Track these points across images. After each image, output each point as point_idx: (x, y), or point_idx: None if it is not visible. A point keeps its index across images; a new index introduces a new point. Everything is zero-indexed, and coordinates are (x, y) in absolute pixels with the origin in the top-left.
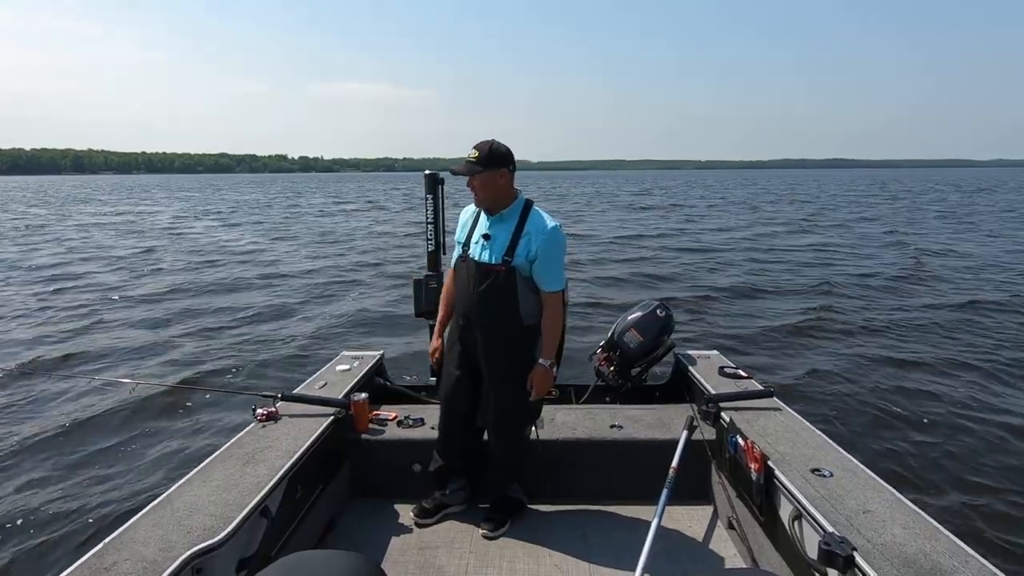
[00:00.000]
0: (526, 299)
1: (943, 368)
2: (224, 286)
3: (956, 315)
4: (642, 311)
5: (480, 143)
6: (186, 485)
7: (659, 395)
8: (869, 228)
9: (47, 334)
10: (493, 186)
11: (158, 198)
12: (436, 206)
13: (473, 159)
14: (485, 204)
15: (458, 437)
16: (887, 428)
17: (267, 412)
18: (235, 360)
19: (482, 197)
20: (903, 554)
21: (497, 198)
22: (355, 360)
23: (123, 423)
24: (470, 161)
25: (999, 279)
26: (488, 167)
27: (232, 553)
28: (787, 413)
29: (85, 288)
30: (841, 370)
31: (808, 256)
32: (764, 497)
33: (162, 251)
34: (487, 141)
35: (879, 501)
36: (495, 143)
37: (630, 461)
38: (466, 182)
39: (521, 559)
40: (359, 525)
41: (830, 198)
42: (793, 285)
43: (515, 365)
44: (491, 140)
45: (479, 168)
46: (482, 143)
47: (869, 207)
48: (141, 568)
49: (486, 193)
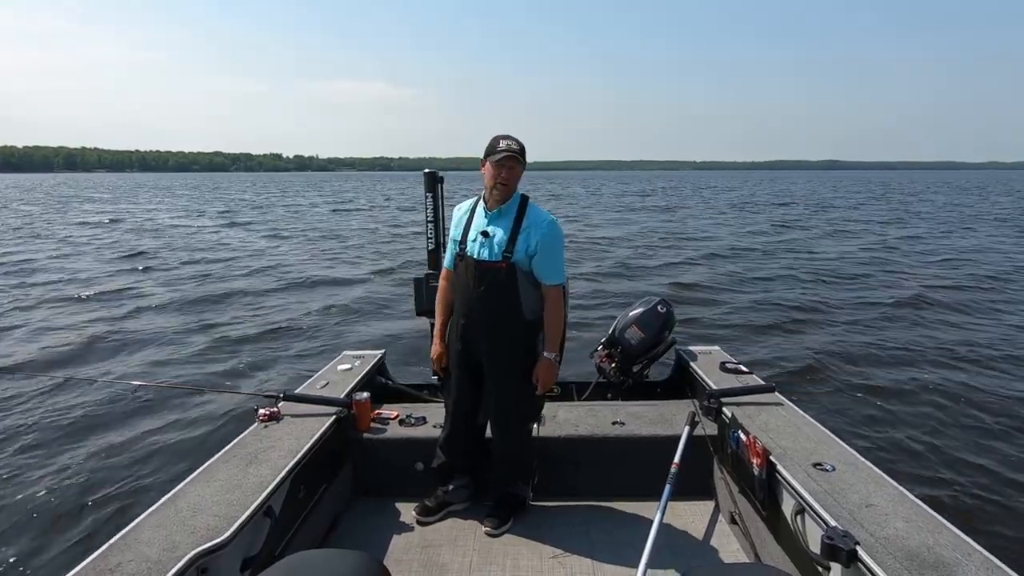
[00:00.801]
0: (527, 295)
1: (946, 361)
2: (224, 286)
3: (957, 309)
4: (643, 307)
5: (511, 136)
6: (189, 485)
7: (661, 391)
8: (871, 226)
9: (46, 334)
10: (518, 179)
11: (161, 197)
12: (436, 205)
13: (517, 150)
14: (504, 196)
15: (460, 435)
16: (889, 422)
17: (269, 412)
18: (237, 360)
19: (510, 188)
20: (906, 548)
21: (513, 191)
22: (357, 359)
23: (125, 424)
24: (514, 151)
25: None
26: (522, 160)
27: (236, 553)
28: (789, 407)
29: (84, 289)
30: (843, 364)
31: (813, 253)
32: (766, 492)
33: (161, 251)
34: (513, 136)
35: (882, 495)
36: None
37: (632, 457)
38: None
39: (524, 556)
40: (362, 524)
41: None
42: (795, 282)
43: (517, 362)
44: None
45: (521, 160)
46: (513, 137)
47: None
48: (146, 568)
49: (512, 185)
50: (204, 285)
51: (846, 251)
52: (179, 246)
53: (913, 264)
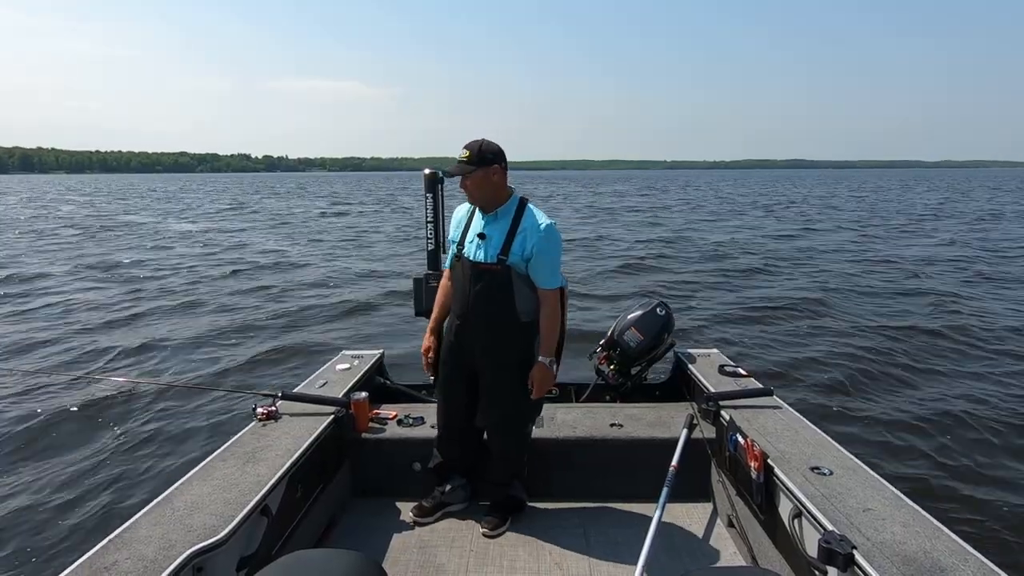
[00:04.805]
0: (523, 297)
1: (943, 365)
2: (224, 286)
3: (956, 311)
4: (642, 310)
5: (470, 143)
6: (187, 484)
7: (659, 394)
8: (866, 227)
9: (46, 335)
10: (487, 184)
11: (161, 197)
12: (436, 205)
13: (465, 159)
14: (480, 203)
15: (456, 435)
16: (887, 426)
17: (267, 411)
18: (235, 359)
19: (476, 196)
20: (903, 552)
21: (491, 196)
22: (355, 359)
23: (123, 422)
24: (462, 161)
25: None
26: (480, 165)
27: (233, 552)
28: (787, 411)
29: (84, 289)
30: (841, 368)
31: (809, 254)
32: (764, 495)
33: (160, 251)
34: (476, 140)
35: (879, 499)
36: (485, 141)
37: (630, 460)
38: (459, 183)
39: (521, 558)
40: (359, 524)
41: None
42: (794, 283)
43: (513, 363)
44: (480, 139)
45: (471, 167)
46: (472, 142)
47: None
48: (142, 567)
49: (480, 192)
50: (204, 285)
51: (842, 250)
52: (174, 245)
53: (919, 263)
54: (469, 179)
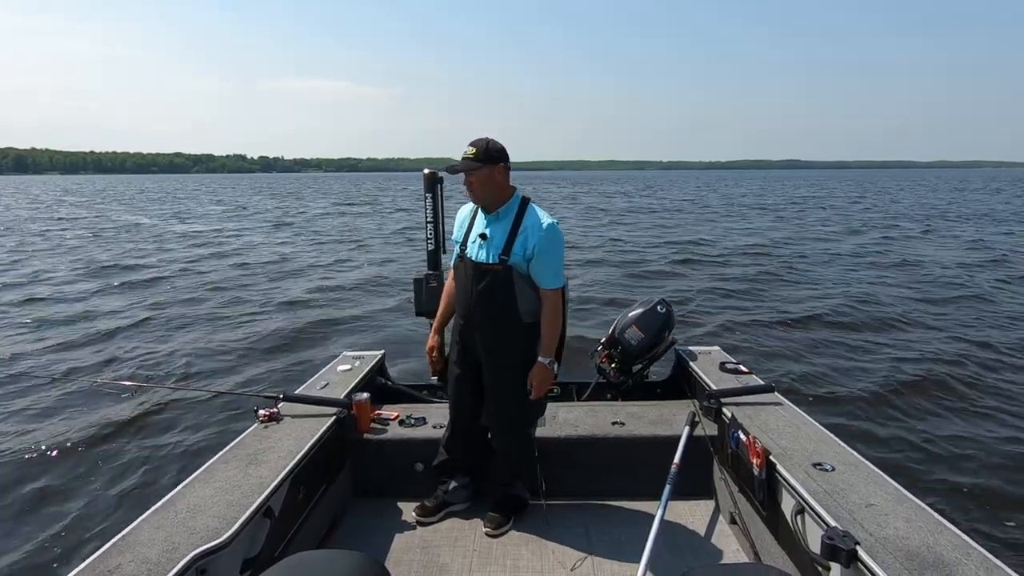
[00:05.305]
0: (525, 297)
1: (945, 360)
2: (223, 286)
3: (957, 306)
4: (643, 308)
5: (476, 140)
6: (189, 486)
7: (660, 391)
8: (869, 223)
9: (46, 336)
10: (491, 182)
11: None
12: (436, 205)
13: (471, 156)
14: (483, 202)
15: (462, 433)
16: (889, 422)
17: (269, 413)
18: (236, 361)
19: (480, 194)
20: (906, 548)
21: (494, 194)
22: (356, 360)
23: (124, 425)
24: (467, 158)
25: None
26: (487, 162)
27: (236, 554)
28: (788, 408)
29: (83, 289)
30: (842, 364)
31: (809, 252)
32: (766, 492)
33: (160, 251)
34: (482, 138)
35: (882, 495)
36: (490, 139)
37: (632, 458)
38: (463, 181)
39: (524, 556)
40: (362, 525)
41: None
42: (794, 281)
43: (515, 363)
44: (486, 137)
45: (478, 164)
46: (478, 140)
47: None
48: (146, 570)
49: (484, 190)
50: (203, 285)
51: (838, 249)
52: (174, 246)
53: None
54: (474, 176)
